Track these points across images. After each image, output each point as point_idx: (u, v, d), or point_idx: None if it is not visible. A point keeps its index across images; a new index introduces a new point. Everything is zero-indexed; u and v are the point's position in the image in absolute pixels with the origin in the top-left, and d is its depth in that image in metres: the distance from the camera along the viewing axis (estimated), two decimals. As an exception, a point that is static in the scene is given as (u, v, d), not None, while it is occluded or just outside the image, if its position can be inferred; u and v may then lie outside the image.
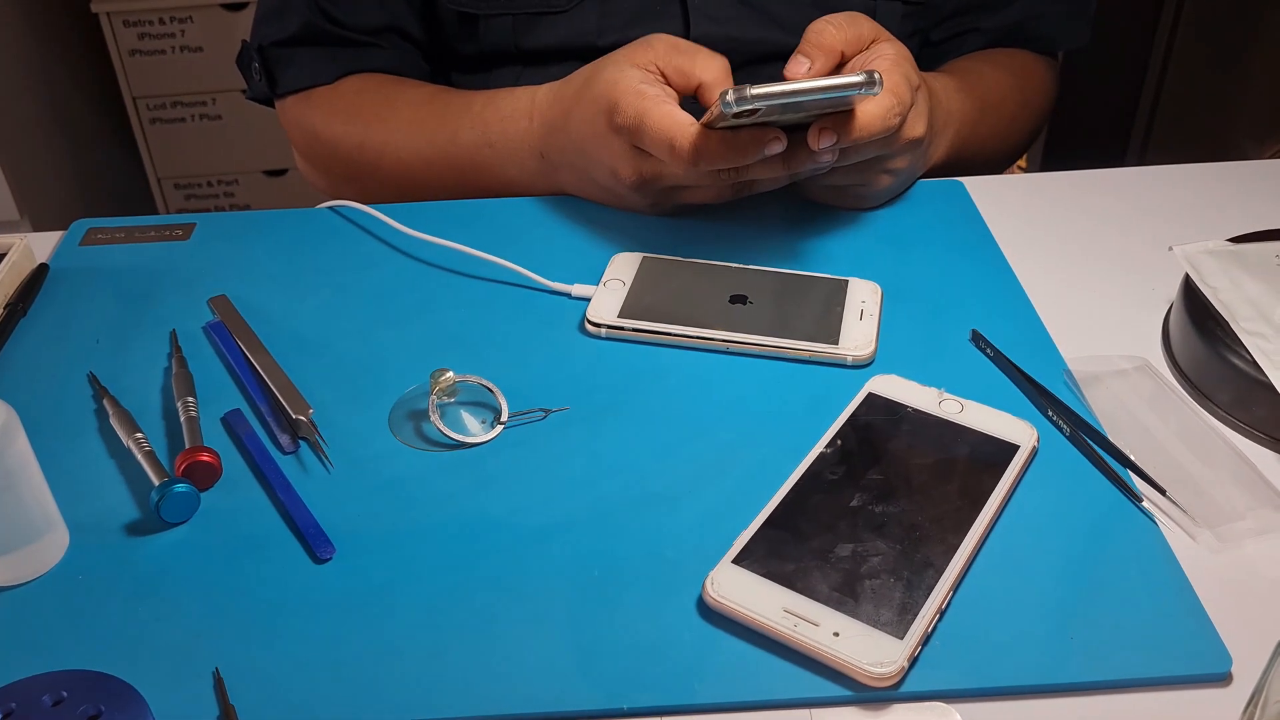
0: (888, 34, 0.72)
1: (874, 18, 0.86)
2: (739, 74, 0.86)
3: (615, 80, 0.71)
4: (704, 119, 0.67)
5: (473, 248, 0.73)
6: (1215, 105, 1.72)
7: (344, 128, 0.87)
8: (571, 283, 0.71)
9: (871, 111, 0.67)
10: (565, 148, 0.76)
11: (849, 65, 0.71)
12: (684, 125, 0.67)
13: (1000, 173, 0.90)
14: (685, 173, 0.70)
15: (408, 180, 0.85)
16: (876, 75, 0.61)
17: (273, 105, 0.94)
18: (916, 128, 0.72)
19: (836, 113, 0.66)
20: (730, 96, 0.60)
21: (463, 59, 0.91)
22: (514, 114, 0.80)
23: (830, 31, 0.70)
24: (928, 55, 0.95)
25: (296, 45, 0.89)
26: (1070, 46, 0.96)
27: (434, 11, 0.89)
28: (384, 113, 0.86)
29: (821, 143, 0.66)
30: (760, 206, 0.78)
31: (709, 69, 0.72)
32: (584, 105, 0.73)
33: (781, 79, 0.64)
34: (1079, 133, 1.92)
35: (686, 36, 0.84)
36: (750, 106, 0.61)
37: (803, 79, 0.63)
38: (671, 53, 0.72)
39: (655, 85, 0.70)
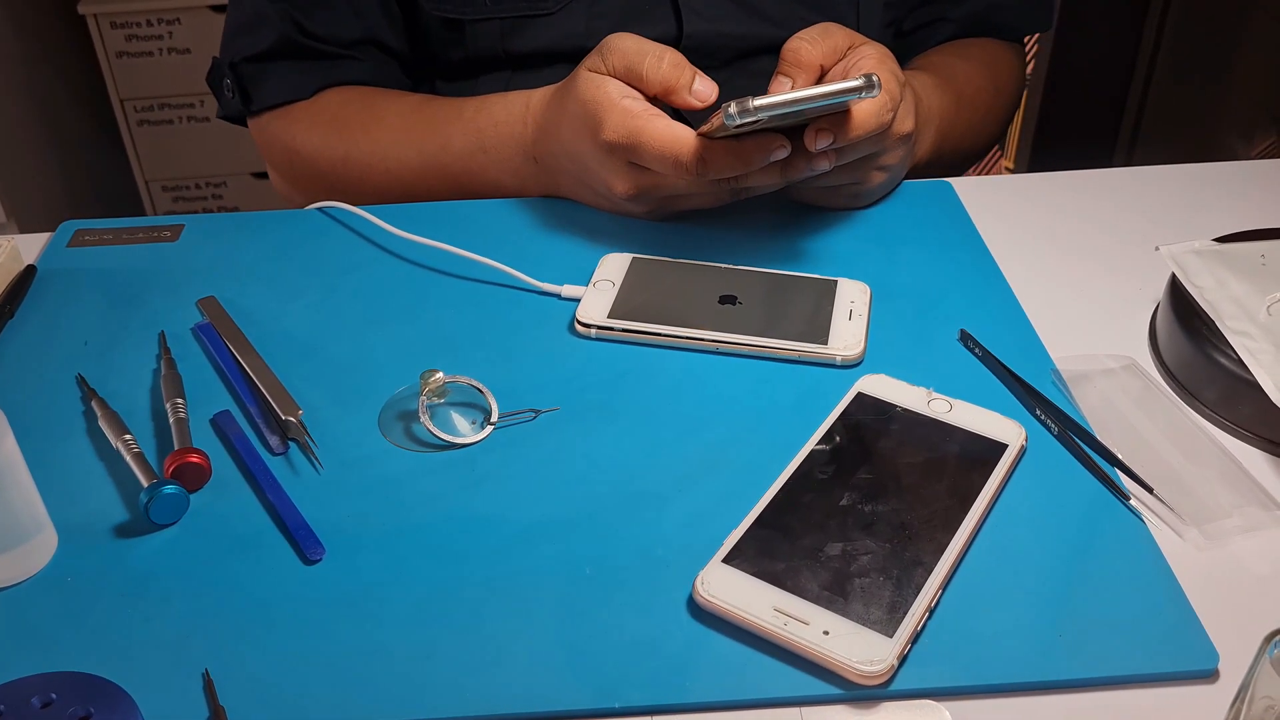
0: (863, 38, 0.73)
1: (857, 9, 0.87)
2: (729, 69, 0.87)
3: (595, 96, 0.70)
4: (703, 129, 0.67)
5: (462, 249, 0.73)
6: (1202, 105, 1.72)
7: (327, 141, 0.85)
8: (561, 283, 0.71)
9: (866, 109, 0.67)
10: (558, 154, 0.76)
11: (829, 75, 0.72)
12: (684, 139, 0.67)
13: (978, 162, 0.91)
14: (688, 184, 0.70)
15: (396, 191, 0.84)
16: (875, 78, 0.62)
17: (245, 124, 0.92)
18: (906, 123, 0.73)
19: (832, 114, 0.66)
20: (734, 109, 0.61)
21: (449, 66, 0.90)
22: (509, 119, 0.79)
23: (805, 49, 0.70)
24: (899, 46, 0.96)
25: (271, 60, 0.87)
26: (1033, 32, 0.98)
27: (416, 20, 0.88)
28: (369, 124, 0.85)
29: (819, 143, 0.66)
30: (750, 208, 0.79)
31: (654, 81, 0.70)
32: (569, 119, 0.73)
33: (764, 91, 0.64)
34: (1066, 133, 1.93)
35: (679, 34, 0.85)
36: (753, 118, 0.61)
37: (801, 88, 0.63)
38: (622, 67, 0.71)
39: (638, 98, 0.70)
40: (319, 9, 0.86)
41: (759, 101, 0.61)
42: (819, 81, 0.71)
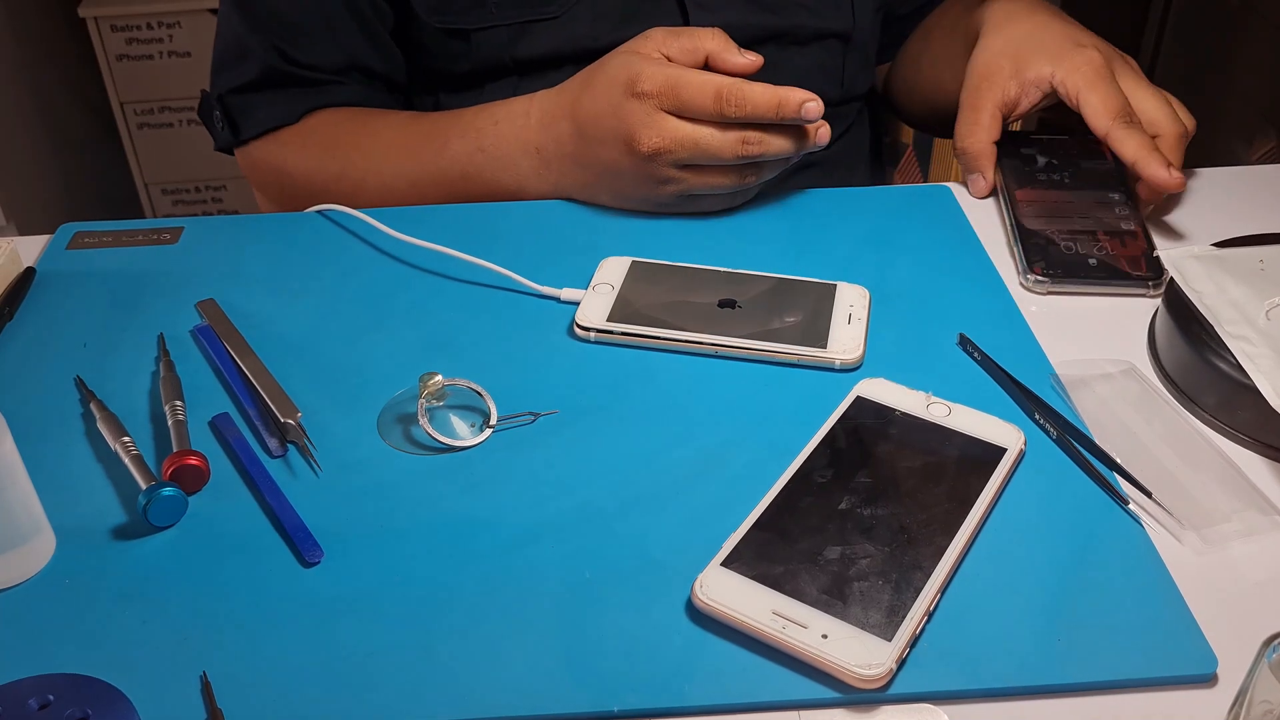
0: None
1: None
2: None
3: (628, 61, 0.73)
4: None
5: (461, 251, 0.73)
6: (1202, 109, 1.73)
7: (320, 161, 0.85)
8: (560, 286, 0.71)
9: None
10: (564, 136, 0.76)
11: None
12: (723, 78, 0.71)
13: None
14: (716, 140, 0.72)
15: (391, 203, 0.83)
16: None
17: (234, 155, 0.92)
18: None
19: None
20: None
21: (454, 78, 0.89)
22: (509, 115, 0.80)
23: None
24: (889, 33, 0.97)
25: (257, 90, 0.87)
26: None
27: (415, 36, 0.88)
28: (362, 139, 0.85)
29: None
30: (749, 211, 0.79)
31: (712, 39, 0.74)
32: (596, 88, 0.74)
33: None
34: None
35: (684, 26, 0.85)
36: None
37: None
38: (670, 38, 0.74)
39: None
40: (301, 37, 0.86)
41: None
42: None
